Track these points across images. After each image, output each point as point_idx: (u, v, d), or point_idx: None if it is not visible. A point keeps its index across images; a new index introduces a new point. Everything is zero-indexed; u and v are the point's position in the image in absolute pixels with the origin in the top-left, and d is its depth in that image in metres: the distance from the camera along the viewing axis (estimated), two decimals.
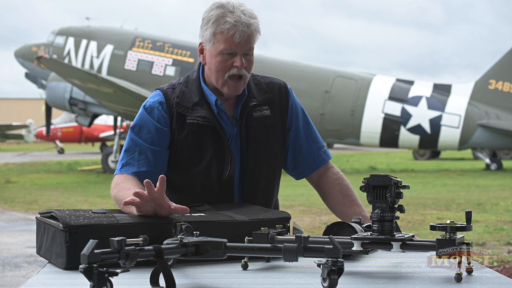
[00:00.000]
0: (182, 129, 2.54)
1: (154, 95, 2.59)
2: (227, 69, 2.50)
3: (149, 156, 2.52)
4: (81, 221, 2.05)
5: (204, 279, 1.94)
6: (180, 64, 18.95)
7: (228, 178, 2.55)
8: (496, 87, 18.89)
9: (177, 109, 2.55)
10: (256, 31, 2.51)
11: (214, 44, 2.49)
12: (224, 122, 2.57)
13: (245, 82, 2.56)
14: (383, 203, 2.01)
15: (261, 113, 2.60)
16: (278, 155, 2.65)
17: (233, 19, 2.44)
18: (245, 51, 2.51)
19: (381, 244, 2.00)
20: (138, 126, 2.56)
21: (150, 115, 2.55)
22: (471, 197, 12.47)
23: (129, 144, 2.55)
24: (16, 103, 58.02)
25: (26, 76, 21.37)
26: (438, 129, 18.39)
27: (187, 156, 2.55)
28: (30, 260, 7.15)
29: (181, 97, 2.56)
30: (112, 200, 2.51)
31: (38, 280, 1.93)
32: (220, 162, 2.55)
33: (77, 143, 34.25)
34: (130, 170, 2.51)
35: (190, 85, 2.60)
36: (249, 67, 2.54)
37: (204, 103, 2.56)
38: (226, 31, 2.45)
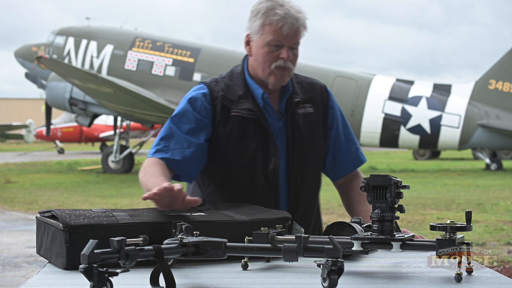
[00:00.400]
0: (226, 121, 2.57)
1: (197, 88, 2.63)
2: (273, 60, 2.54)
3: (184, 147, 2.54)
4: (81, 221, 2.05)
5: (204, 279, 1.94)
6: (180, 64, 18.95)
7: (273, 172, 2.57)
8: (496, 87, 18.89)
9: (223, 102, 2.58)
10: (303, 26, 2.55)
11: (262, 35, 2.53)
12: (270, 115, 2.60)
13: (290, 75, 2.60)
14: (383, 203, 2.01)
15: (305, 110, 2.63)
16: (321, 153, 2.69)
17: (282, 12, 2.49)
18: (292, 44, 2.54)
19: (381, 244, 2.00)
20: (178, 116, 2.59)
21: (192, 106, 2.58)
22: (471, 197, 12.48)
23: (167, 132, 2.57)
24: (16, 103, 58.02)
25: (26, 76, 21.37)
26: (438, 129, 18.39)
27: (232, 149, 2.57)
28: (30, 260, 7.15)
29: (226, 90, 2.60)
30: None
31: (38, 280, 1.93)
32: (265, 155, 2.57)
33: (77, 143, 34.25)
34: (163, 155, 2.52)
35: (235, 79, 2.64)
36: (294, 61, 2.57)
37: (249, 96, 2.59)
38: (275, 23, 2.49)
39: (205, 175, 2.66)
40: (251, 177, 2.58)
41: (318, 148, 2.67)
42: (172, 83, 18.90)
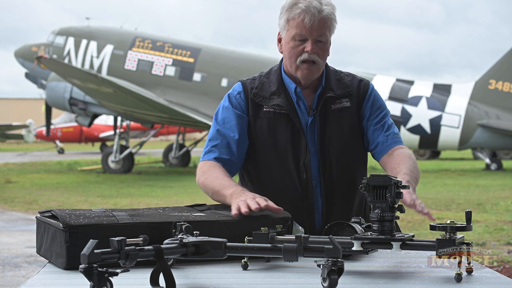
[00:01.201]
0: (258, 118, 2.63)
1: (235, 86, 2.72)
2: (299, 54, 2.56)
3: (231, 145, 2.62)
4: (81, 221, 2.05)
5: (204, 279, 1.94)
6: (180, 64, 18.95)
7: (305, 167, 2.60)
8: (496, 87, 18.89)
9: (254, 99, 2.64)
10: (328, 18, 2.54)
11: (288, 31, 2.57)
12: (301, 110, 2.63)
13: (319, 68, 2.60)
14: (383, 203, 2.01)
15: (341, 105, 2.65)
16: (358, 147, 2.68)
17: (304, 5, 2.52)
18: (317, 37, 2.54)
19: (381, 244, 2.00)
20: (220, 116, 2.68)
21: (231, 105, 2.67)
22: (471, 197, 12.47)
23: (213, 134, 2.67)
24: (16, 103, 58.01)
25: (26, 76, 21.37)
26: (438, 129, 18.40)
27: (263, 144, 2.63)
28: (30, 260, 7.15)
29: (259, 87, 2.66)
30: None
31: (38, 280, 1.93)
32: (296, 150, 2.60)
33: (77, 143, 34.25)
34: (212, 156, 2.61)
35: (272, 75, 2.69)
36: (322, 54, 2.58)
37: (282, 91, 2.63)
38: (297, 16, 2.52)
39: (244, 170, 2.73)
40: (283, 173, 2.62)
41: (354, 143, 2.67)
42: (172, 83, 18.90)
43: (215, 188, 2.45)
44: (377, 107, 2.71)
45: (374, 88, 2.75)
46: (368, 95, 2.70)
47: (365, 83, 2.73)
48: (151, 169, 20.98)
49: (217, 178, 2.49)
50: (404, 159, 2.55)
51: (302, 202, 2.61)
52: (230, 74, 18.76)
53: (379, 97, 2.75)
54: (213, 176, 2.51)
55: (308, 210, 2.62)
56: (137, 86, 17.98)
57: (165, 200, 12.03)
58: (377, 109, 2.70)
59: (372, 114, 2.69)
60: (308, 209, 2.62)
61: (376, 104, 2.72)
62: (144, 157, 26.51)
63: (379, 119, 2.69)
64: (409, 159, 2.56)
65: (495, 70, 19.04)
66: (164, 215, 2.20)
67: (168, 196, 12.67)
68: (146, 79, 18.93)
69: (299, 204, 2.62)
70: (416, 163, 2.57)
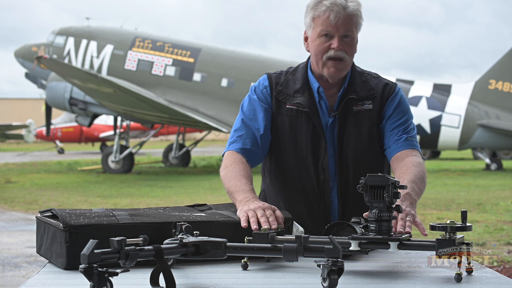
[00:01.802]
0: (280, 114, 2.64)
1: (261, 79, 2.73)
2: (325, 51, 2.56)
3: (256, 136, 2.63)
4: (81, 221, 2.05)
5: (204, 279, 1.94)
6: (180, 64, 18.95)
7: (323, 167, 2.60)
8: (496, 87, 18.89)
9: (278, 97, 2.65)
10: (354, 15, 2.54)
11: (314, 29, 2.57)
12: (322, 110, 2.63)
13: (346, 65, 2.59)
14: (381, 203, 2.01)
15: (363, 107, 2.63)
16: (378, 150, 2.66)
17: (329, 2, 2.52)
18: (343, 33, 2.54)
19: (378, 244, 2.00)
20: (246, 107, 2.69)
21: (257, 97, 2.68)
22: (471, 197, 12.47)
23: (238, 125, 2.69)
24: (16, 103, 58.00)
25: (26, 76, 21.37)
26: (438, 129, 18.40)
27: (284, 140, 2.63)
28: (30, 260, 7.15)
29: (284, 85, 2.67)
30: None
31: (38, 280, 1.93)
32: (315, 149, 2.61)
33: (77, 143, 34.24)
34: (237, 146, 2.63)
35: (298, 73, 2.70)
36: (349, 50, 2.57)
37: (306, 90, 2.64)
38: (322, 13, 2.52)
39: (265, 164, 2.75)
40: (302, 172, 2.63)
41: (373, 146, 2.64)
42: (172, 83, 18.90)
43: (230, 189, 2.47)
44: (399, 110, 2.67)
45: (400, 91, 2.71)
46: (392, 97, 2.67)
47: (391, 86, 2.70)
48: (151, 169, 20.98)
49: (235, 177, 2.49)
50: (410, 168, 2.49)
51: (319, 203, 2.61)
52: (230, 74, 18.76)
53: (404, 101, 2.70)
54: (231, 175, 2.51)
55: (324, 212, 2.61)
56: (137, 86, 17.97)
57: (165, 200, 12.03)
58: (399, 112, 2.66)
59: (392, 116, 2.66)
60: (324, 211, 2.61)
61: (399, 107, 2.67)
62: (144, 157, 26.51)
63: (399, 122, 2.65)
64: (416, 168, 2.50)
65: (495, 70, 19.04)
66: (164, 215, 2.20)
67: (168, 196, 12.67)
68: (146, 79, 18.93)
69: (316, 205, 2.62)
70: (423, 173, 2.51)
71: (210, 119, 18.08)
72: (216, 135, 43.98)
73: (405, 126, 2.65)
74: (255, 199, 2.35)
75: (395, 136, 2.62)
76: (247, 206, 2.28)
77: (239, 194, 2.40)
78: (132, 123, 22.35)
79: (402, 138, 2.61)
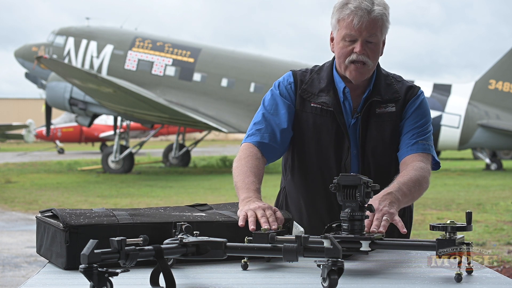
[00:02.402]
0: (305, 111, 2.64)
1: (286, 75, 2.73)
2: (348, 55, 2.55)
3: (275, 131, 2.63)
4: (81, 221, 2.05)
5: (204, 279, 1.94)
6: (180, 64, 18.96)
7: (346, 167, 2.60)
8: (496, 87, 18.90)
9: (302, 95, 2.65)
10: (379, 19, 2.52)
11: (338, 31, 2.57)
12: (346, 111, 2.63)
13: (369, 70, 2.58)
14: (353, 203, 2.03)
15: (386, 109, 2.63)
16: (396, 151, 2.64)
17: (353, 5, 2.51)
18: (366, 37, 2.52)
19: (350, 243, 2.01)
20: (267, 102, 2.69)
21: (280, 92, 2.68)
22: (471, 197, 12.48)
23: (258, 118, 2.67)
24: (16, 103, 58.00)
25: (26, 76, 21.38)
26: (438, 129, 18.39)
27: (307, 138, 2.63)
28: (30, 260, 7.15)
29: (309, 83, 2.67)
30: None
31: (38, 280, 1.93)
32: (338, 148, 2.61)
33: (77, 143, 34.24)
34: (255, 139, 2.62)
35: (323, 72, 2.69)
36: (372, 55, 2.56)
37: (331, 89, 2.64)
38: (347, 17, 2.52)
39: (286, 160, 2.74)
40: (324, 171, 2.63)
41: (395, 147, 2.64)
42: (172, 83, 18.90)
43: (237, 184, 2.47)
44: (418, 113, 2.66)
45: (422, 94, 2.71)
46: (414, 98, 2.66)
47: (414, 89, 2.69)
48: (151, 169, 20.98)
49: (244, 173, 2.48)
50: (408, 172, 2.48)
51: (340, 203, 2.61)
52: (230, 74, 18.77)
53: (424, 105, 2.69)
54: (242, 170, 2.51)
55: None
56: (137, 86, 17.98)
57: (165, 200, 12.03)
58: (417, 115, 2.65)
59: (410, 118, 2.65)
60: None
61: (419, 110, 2.66)
62: (144, 157, 26.51)
63: (415, 126, 2.63)
64: (414, 171, 2.48)
65: (495, 70, 19.05)
66: (164, 215, 2.20)
67: (168, 196, 12.67)
68: (146, 79, 18.94)
69: (336, 206, 2.61)
70: (420, 177, 2.48)
71: (210, 119, 18.09)
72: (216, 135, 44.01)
73: (421, 129, 2.63)
74: (256, 199, 2.35)
75: (408, 139, 2.62)
76: (247, 206, 2.28)
77: (243, 192, 2.41)
78: (132, 123, 22.36)
79: (412, 142, 2.60)
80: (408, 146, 2.60)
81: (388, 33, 2.61)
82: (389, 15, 2.57)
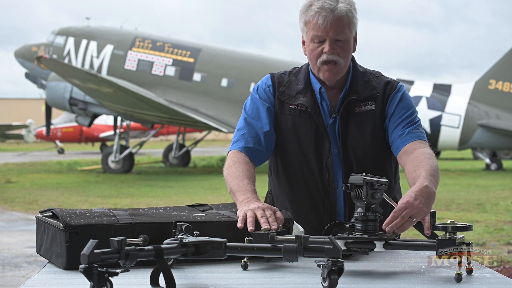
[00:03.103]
0: (283, 113, 2.66)
1: (264, 79, 2.75)
2: (318, 56, 2.56)
3: (258, 134, 2.64)
4: (81, 221, 2.05)
5: (204, 279, 1.94)
6: (180, 64, 18.95)
7: (327, 167, 2.61)
8: (496, 87, 18.90)
9: (280, 97, 2.66)
10: (344, 16, 2.52)
11: (307, 33, 2.58)
12: (324, 111, 2.63)
13: (341, 68, 2.58)
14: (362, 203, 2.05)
15: (365, 107, 2.63)
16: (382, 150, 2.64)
17: (317, 6, 2.52)
18: (334, 36, 2.53)
19: (364, 243, 2.01)
20: (248, 107, 2.70)
21: (259, 96, 2.70)
22: (471, 197, 12.47)
23: (241, 124, 2.70)
24: (16, 103, 58.00)
25: (26, 76, 21.37)
26: (438, 129, 18.40)
27: (287, 140, 2.64)
28: (30, 260, 7.15)
29: (287, 86, 2.68)
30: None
31: (38, 280, 1.93)
32: (319, 149, 2.62)
33: (77, 143, 34.24)
34: (240, 145, 2.64)
35: (300, 74, 2.70)
36: (342, 53, 2.55)
37: (308, 90, 2.64)
38: (312, 18, 2.53)
39: (271, 164, 2.76)
40: (306, 172, 2.63)
41: (377, 146, 2.63)
42: (172, 83, 18.90)
43: (232, 188, 2.47)
44: (402, 106, 2.64)
45: (401, 88, 2.68)
46: (393, 94, 2.65)
47: (392, 84, 2.67)
48: (151, 169, 20.98)
49: (237, 177, 2.49)
50: (424, 161, 2.41)
51: (324, 203, 2.61)
52: (230, 74, 18.77)
53: (406, 97, 2.67)
54: (234, 174, 2.51)
55: (330, 212, 2.61)
56: (137, 86, 17.97)
57: (165, 200, 12.03)
58: (402, 108, 2.63)
59: (395, 114, 2.63)
60: (329, 211, 2.61)
61: (401, 103, 2.64)
62: (144, 157, 26.51)
63: (403, 118, 2.61)
64: (429, 159, 2.43)
65: (495, 70, 19.05)
66: (164, 215, 2.20)
67: (168, 196, 12.67)
68: (146, 79, 18.93)
69: (321, 205, 2.62)
70: (436, 164, 2.42)
71: (210, 119, 18.08)
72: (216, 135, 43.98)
73: (410, 119, 2.61)
74: (256, 200, 2.35)
75: (400, 131, 2.59)
76: (247, 206, 2.28)
77: (240, 195, 2.41)
78: (132, 123, 22.35)
79: (407, 131, 2.57)
80: (403, 137, 2.56)
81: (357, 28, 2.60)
82: (355, 11, 2.57)
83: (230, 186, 2.49)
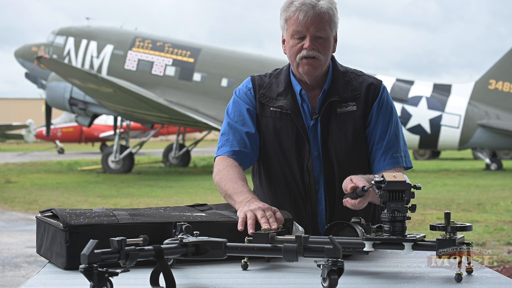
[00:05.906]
0: (264, 116, 2.65)
1: (245, 81, 2.74)
2: (298, 52, 2.56)
3: (243, 137, 2.63)
4: (82, 221, 2.05)
5: (204, 279, 1.94)
6: (180, 64, 18.95)
7: (308, 169, 2.60)
8: (496, 87, 18.89)
9: (261, 100, 2.66)
10: (325, 13, 2.53)
11: (287, 30, 2.59)
12: (305, 113, 2.63)
13: (321, 64, 2.57)
14: (398, 203, 2.01)
15: (346, 108, 2.62)
16: (363, 151, 2.64)
17: (298, 3, 2.53)
18: (314, 32, 2.53)
19: (392, 244, 2.00)
20: (231, 110, 2.70)
21: (240, 99, 2.69)
22: (471, 197, 12.47)
23: (225, 129, 2.70)
24: (16, 103, 58.01)
25: (26, 76, 21.38)
26: (438, 129, 18.40)
27: (269, 142, 2.64)
28: (30, 260, 7.15)
29: (267, 88, 2.68)
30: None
31: (38, 280, 1.93)
32: (300, 151, 2.61)
33: (77, 143, 34.24)
34: (225, 150, 2.64)
35: (281, 75, 2.70)
36: (322, 50, 2.55)
37: (289, 92, 2.64)
38: (292, 14, 2.54)
39: (253, 167, 2.76)
40: (287, 174, 2.63)
41: (359, 148, 2.63)
42: (172, 83, 18.90)
43: (227, 191, 2.47)
44: (384, 115, 2.64)
45: (384, 91, 2.68)
46: (377, 100, 2.64)
47: (375, 86, 2.65)
48: (151, 169, 20.98)
49: (230, 180, 2.49)
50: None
51: (305, 204, 2.61)
52: (230, 74, 18.76)
53: (387, 100, 2.67)
54: (227, 178, 2.51)
55: (311, 213, 2.61)
56: (137, 86, 17.97)
57: (165, 200, 12.02)
58: (383, 117, 2.63)
59: (377, 125, 2.62)
60: (311, 212, 2.61)
61: (383, 108, 2.64)
62: (144, 157, 26.50)
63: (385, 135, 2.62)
64: None
65: (495, 70, 19.04)
66: (164, 215, 2.20)
67: (168, 196, 12.67)
68: (146, 79, 18.93)
69: (302, 207, 2.61)
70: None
71: (210, 119, 18.08)
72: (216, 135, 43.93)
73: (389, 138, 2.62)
74: (255, 200, 2.35)
75: (379, 154, 2.62)
76: (247, 206, 2.28)
77: (238, 196, 2.40)
78: (132, 123, 22.36)
79: (384, 158, 2.61)
80: (380, 163, 2.61)
81: (338, 29, 2.60)
82: (336, 10, 2.57)
83: (224, 189, 2.48)
